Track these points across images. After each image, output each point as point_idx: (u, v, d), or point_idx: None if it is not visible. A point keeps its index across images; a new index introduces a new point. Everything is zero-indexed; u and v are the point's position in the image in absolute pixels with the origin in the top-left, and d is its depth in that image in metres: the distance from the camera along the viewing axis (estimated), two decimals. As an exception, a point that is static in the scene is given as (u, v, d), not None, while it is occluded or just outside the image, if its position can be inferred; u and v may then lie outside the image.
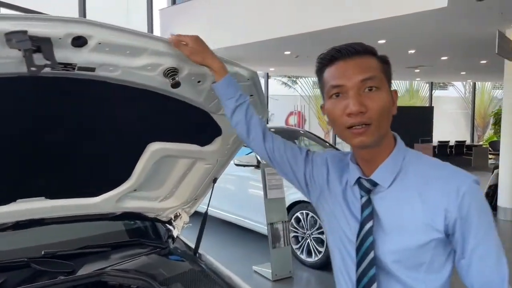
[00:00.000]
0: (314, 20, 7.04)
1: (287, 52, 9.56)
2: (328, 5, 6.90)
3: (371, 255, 1.03)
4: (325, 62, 1.06)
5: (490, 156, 13.58)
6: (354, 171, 1.10)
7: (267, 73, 14.42)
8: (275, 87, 18.66)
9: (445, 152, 13.93)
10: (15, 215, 1.62)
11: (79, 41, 1.08)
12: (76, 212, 1.79)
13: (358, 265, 1.05)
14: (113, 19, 9.37)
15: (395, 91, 1.07)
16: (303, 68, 12.74)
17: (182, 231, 2.24)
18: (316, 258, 4.49)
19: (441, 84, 21.64)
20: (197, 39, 1.27)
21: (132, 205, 1.93)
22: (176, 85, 1.31)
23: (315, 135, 7.18)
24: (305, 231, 4.62)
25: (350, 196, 1.11)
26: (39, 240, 1.95)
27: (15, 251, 1.87)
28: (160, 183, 1.92)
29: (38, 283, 1.64)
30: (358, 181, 1.09)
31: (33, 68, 1.04)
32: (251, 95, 1.56)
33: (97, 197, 1.77)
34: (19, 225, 1.68)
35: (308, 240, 4.59)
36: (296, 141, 6.71)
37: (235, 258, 4.95)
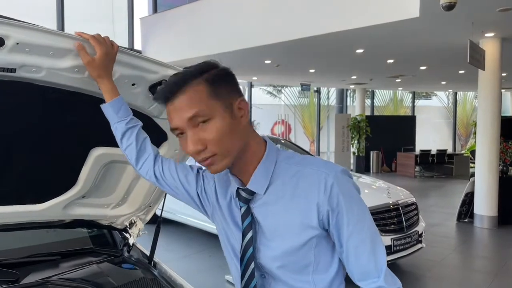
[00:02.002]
0: (291, 29, 7.09)
1: (268, 61, 9.61)
2: (305, 14, 6.97)
3: (252, 265, 1.04)
4: (161, 103, 1.04)
5: (471, 165, 13.70)
6: (233, 183, 1.09)
7: (250, 82, 14.46)
8: (260, 96, 18.72)
9: (427, 160, 14.05)
10: None
11: None
12: (21, 220, 1.75)
13: (242, 277, 1.06)
14: (98, 29, 9.32)
15: (241, 100, 1.02)
16: (285, 77, 12.83)
17: (140, 239, 2.21)
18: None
19: (424, 94, 21.92)
20: (108, 52, 1.20)
21: (81, 212, 1.89)
22: None
23: (295, 144, 7.20)
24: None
25: (234, 209, 1.11)
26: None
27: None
28: (110, 190, 1.89)
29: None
30: (237, 192, 1.08)
31: None
32: None
33: (42, 204, 1.73)
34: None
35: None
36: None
37: (209, 267, 4.91)
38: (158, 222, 2.02)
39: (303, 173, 1.01)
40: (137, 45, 10.41)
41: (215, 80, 1.00)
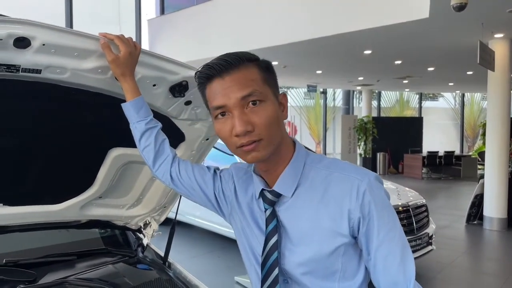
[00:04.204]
0: (300, 30, 7.10)
1: (275, 63, 9.61)
2: (313, 16, 6.97)
3: (276, 271, 1.00)
4: (202, 80, 1.00)
5: (479, 167, 13.65)
6: (257, 183, 1.06)
7: (257, 84, 14.46)
8: (266, 98, 18.71)
9: (434, 162, 13.99)
10: None
11: (22, 42, 1.06)
12: (39, 220, 1.76)
13: (263, 282, 1.02)
14: (102, 30, 9.38)
15: (284, 94, 1.03)
16: (292, 78, 12.82)
17: (157, 240, 2.22)
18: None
19: (431, 95, 21.84)
20: (132, 52, 1.21)
21: (97, 212, 1.90)
22: None
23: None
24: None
25: (256, 210, 1.07)
26: (1, 249, 1.92)
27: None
28: (126, 190, 1.90)
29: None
30: (261, 193, 1.04)
31: None
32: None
33: (59, 205, 1.74)
34: (-21, 233, 1.65)
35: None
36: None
37: (218, 269, 4.91)
38: (173, 223, 2.03)
39: (333, 177, 0.98)
40: (144, 47, 10.46)
41: (266, 68, 0.99)
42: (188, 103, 1.50)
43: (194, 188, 1.21)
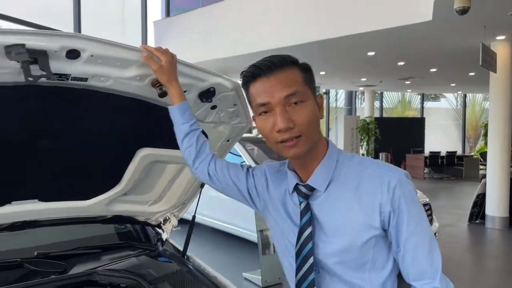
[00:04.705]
0: (305, 33, 7.21)
1: (279, 64, 9.71)
2: (318, 18, 7.08)
3: (311, 260, 1.06)
4: (248, 79, 1.08)
5: (481, 167, 13.75)
6: (291, 178, 1.13)
7: (261, 84, 14.56)
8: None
9: (436, 162, 14.08)
10: (10, 216, 1.70)
11: (73, 54, 1.19)
12: (68, 215, 1.88)
13: (298, 270, 1.08)
14: (107, 31, 9.50)
15: (320, 96, 1.10)
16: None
17: (171, 235, 2.34)
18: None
19: (433, 96, 21.90)
20: (171, 61, 1.32)
21: (122, 208, 2.01)
22: (163, 94, 1.41)
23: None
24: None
25: (290, 203, 1.15)
26: (33, 242, 2.04)
27: (8, 252, 1.95)
28: (149, 188, 2.02)
29: (30, 281, 1.72)
30: (296, 188, 1.12)
31: (30, 78, 1.15)
32: (235, 104, 1.67)
33: (88, 201, 1.86)
34: (14, 227, 1.76)
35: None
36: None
37: (226, 265, 5.01)
38: (192, 218, 2.14)
39: (365, 173, 1.05)
40: (150, 48, 10.58)
41: (306, 70, 1.08)
42: (213, 107, 1.63)
43: (229, 184, 1.31)
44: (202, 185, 2.14)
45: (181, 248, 2.29)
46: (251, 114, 1.16)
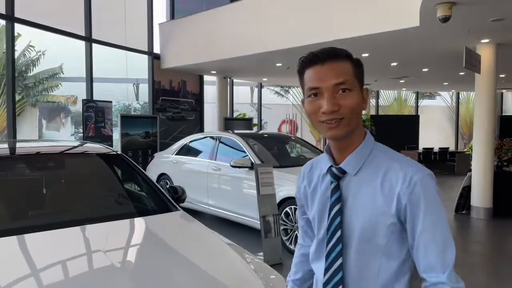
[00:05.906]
0: (304, 36, 7.65)
1: (279, 64, 10.13)
2: (316, 23, 7.54)
3: (338, 233, 1.15)
4: (304, 64, 1.16)
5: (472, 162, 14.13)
6: (326, 161, 1.23)
7: (261, 83, 14.94)
8: (268, 96, 19.21)
9: (429, 158, 14.47)
10: None
11: None
12: None
13: (328, 242, 1.18)
14: (112, 32, 9.87)
15: (366, 89, 1.18)
16: (294, 78, 13.19)
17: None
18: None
19: (428, 94, 22.28)
20: None
21: None
22: None
23: (304, 141, 7.73)
24: (294, 224, 5.17)
25: (322, 185, 1.25)
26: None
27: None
28: None
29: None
30: (329, 169, 1.21)
31: None
32: None
33: None
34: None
35: (296, 232, 5.08)
36: (287, 145, 7.26)
37: (232, 249, 5.45)
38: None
39: (393, 166, 1.12)
40: (156, 49, 11.01)
41: (358, 64, 1.17)
42: None
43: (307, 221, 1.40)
44: None
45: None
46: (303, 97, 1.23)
